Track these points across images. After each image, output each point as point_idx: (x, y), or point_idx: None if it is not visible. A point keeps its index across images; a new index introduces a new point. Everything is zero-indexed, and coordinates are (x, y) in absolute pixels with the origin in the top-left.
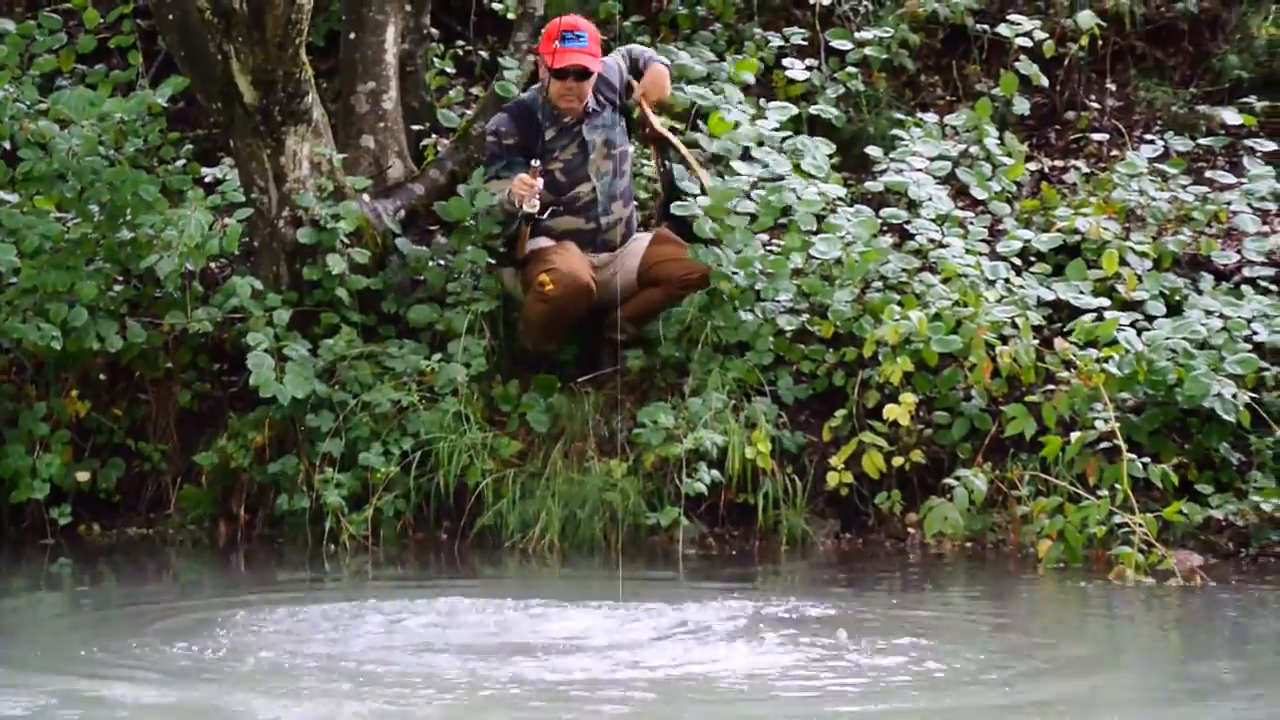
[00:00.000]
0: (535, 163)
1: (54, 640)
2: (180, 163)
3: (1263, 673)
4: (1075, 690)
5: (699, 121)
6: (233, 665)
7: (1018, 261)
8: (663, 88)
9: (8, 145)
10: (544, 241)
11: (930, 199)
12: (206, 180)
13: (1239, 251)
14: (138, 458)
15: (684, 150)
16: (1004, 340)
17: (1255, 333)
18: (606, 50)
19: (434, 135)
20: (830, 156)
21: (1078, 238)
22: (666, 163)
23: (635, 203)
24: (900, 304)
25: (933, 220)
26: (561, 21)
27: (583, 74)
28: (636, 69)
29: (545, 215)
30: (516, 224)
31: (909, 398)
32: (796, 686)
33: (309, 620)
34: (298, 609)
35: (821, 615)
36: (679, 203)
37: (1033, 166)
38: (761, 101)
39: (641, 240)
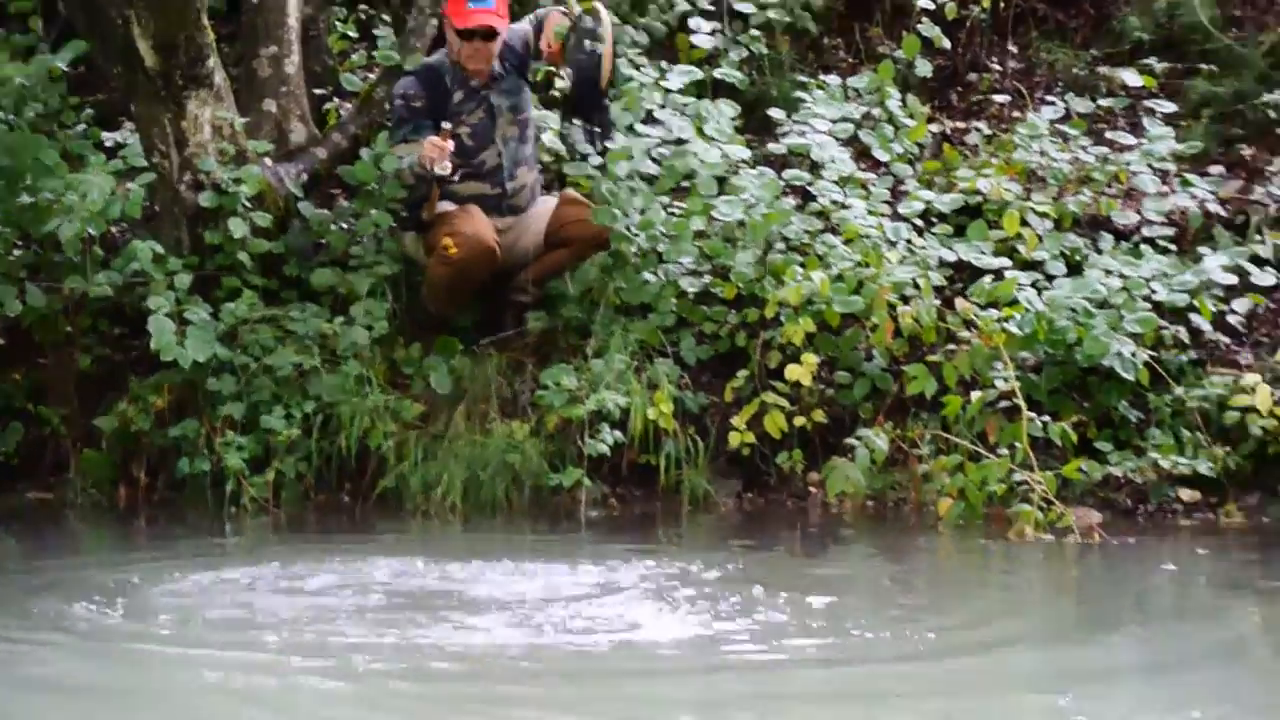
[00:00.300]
0: (446, 125)
1: None
2: (81, 127)
3: (1158, 623)
4: (980, 640)
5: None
6: (135, 628)
7: (919, 222)
8: (553, 26)
9: None
10: (448, 206)
11: (833, 161)
12: (108, 145)
13: (1138, 212)
14: (37, 422)
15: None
16: (905, 300)
17: (1154, 292)
18: (515, 16)
19: (336, 99)
20: (733, 119)
21: (979, 199)
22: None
23: (539, 167)
24: (803, 265)
25: (835, 182)
26: None
27: (490, 34)
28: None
29: (455, 177)
30: (426, 187)
31: (811, 358)
32: (734, 651)
33: (210, 583)
34: (202, 572)
35: (734, 574)
36: (575, 164)
37: (935, 128)
38: (665, 64)
39: (548, 203)
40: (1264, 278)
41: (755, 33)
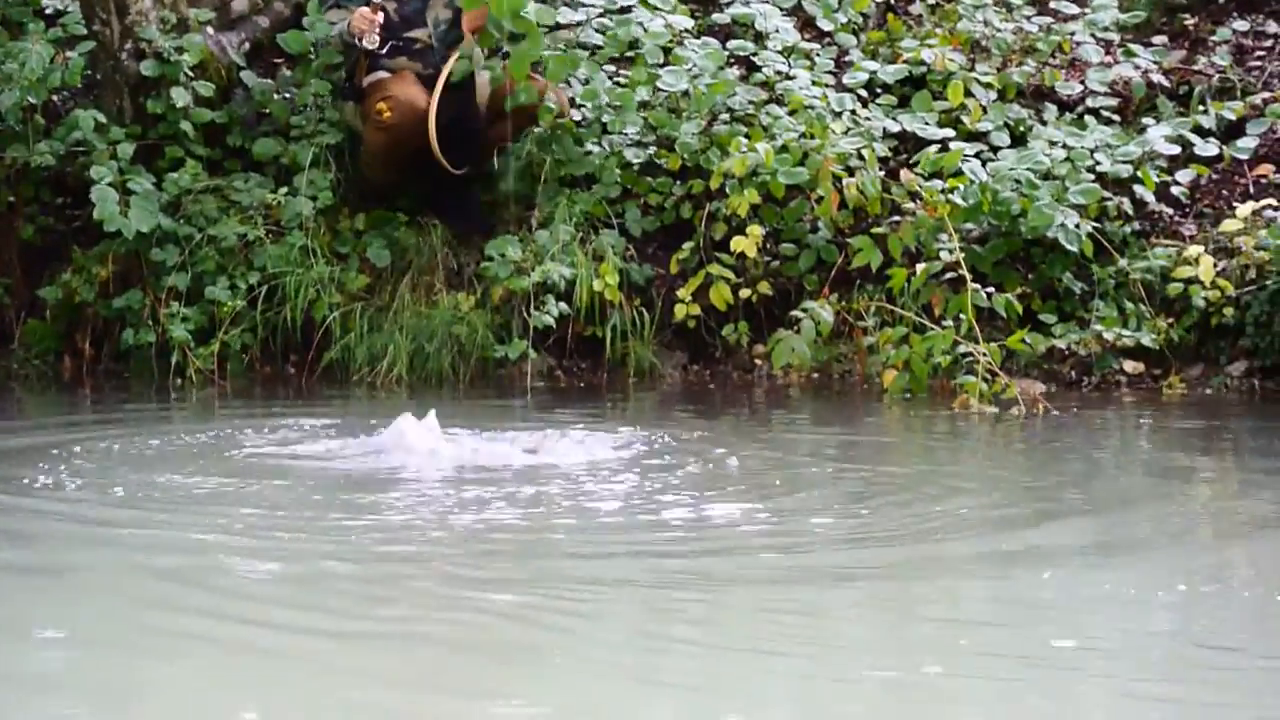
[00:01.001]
0: None
1: None
2: None
3: (1101, 498)
4: (927, 511)
5: None
6: (86, 495)
7: (864, 93)
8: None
9: None
10: (382, 74)
11: (777, 31)
12: (47, 12)
13: (1082, 82)
14: None
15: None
16: (850, 172)
17: (1098, 163)
18: None
19: None
20: None
21: (923, 69)
22: None
23: None
24: (747, 136)
25: (779, 52)
26: None
27: None
28: None
29: (384, 50)
30: (354, 57)
31: (756, 230)
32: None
33: (156, 449)
34: (149, 439)
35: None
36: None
37: None
38: None
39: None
40: (1207, 148)
41: None
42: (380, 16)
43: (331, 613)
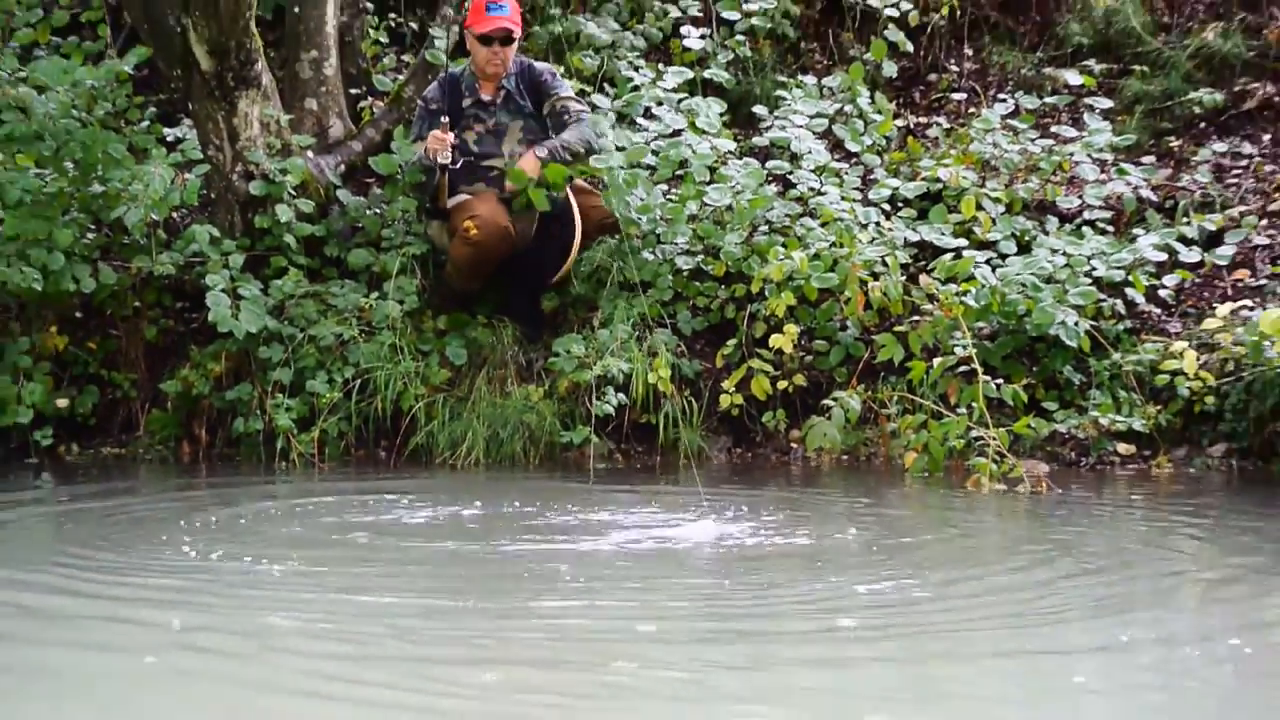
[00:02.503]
0: (445, 119)
1: (53, 533)
2: (145, 124)
3: (1099, 562)
4: (946, 573)
5: (606, 84)
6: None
7: (887, 207)
8: (528, 169)
9: None
10: (465, 196)
11: (810, 152)
12: (168, 139)
13: (1080, 197)
14: (110, 386)
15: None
16: (875, 277)
17: (1094, 268)
18: (526, 23)
19: (370, 98)
20: (721, 115)
21: (940, 185)
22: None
23: None
24: (784, 245)
25: (812, 171)
26: None
27: (506, 38)
28: (558, 120)
29: (457, 166)
30: (435, 176)
31: (792, 328)
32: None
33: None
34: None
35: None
36: (597, 156)
37: (900, 123)
38: (660, 66)
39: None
40: (1190, 255)
41: (740, 38)
42: (451, 136)
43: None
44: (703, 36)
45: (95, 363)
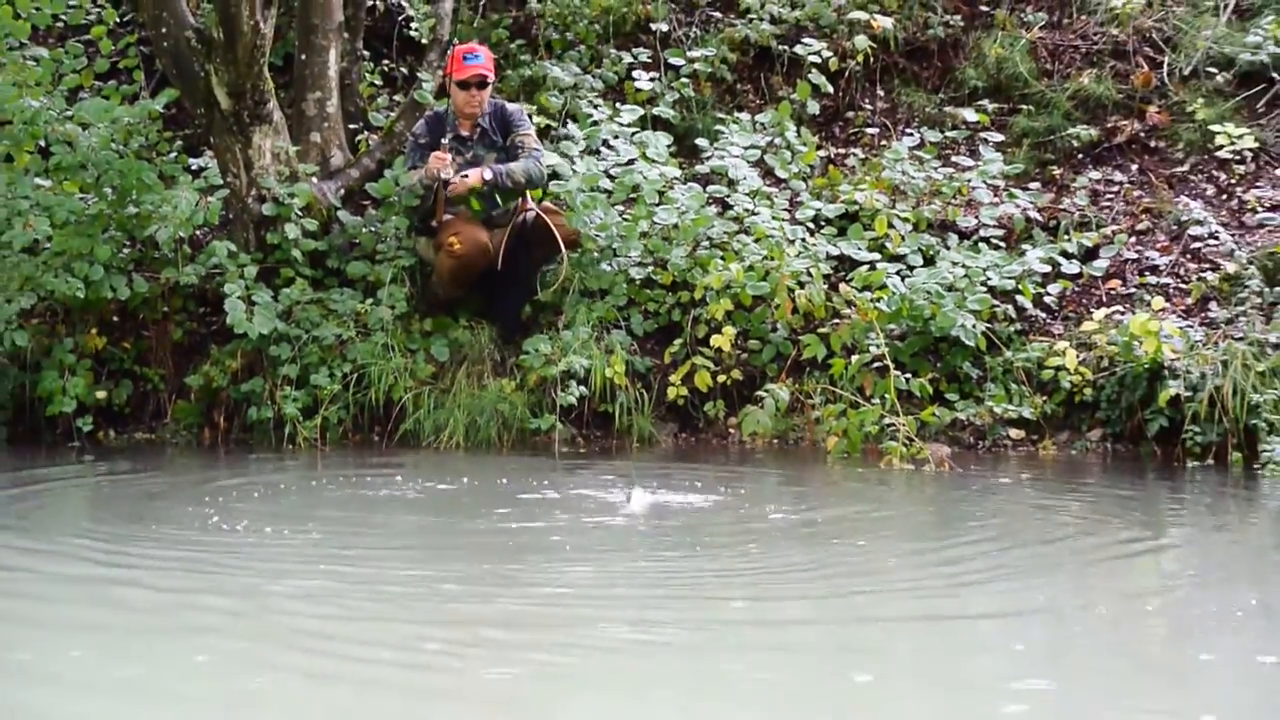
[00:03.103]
0: (444, 140)
1: (100, 505)
2: (173, 155)
3: (993, 529)
4: (864, 539)
5: (569, 120)
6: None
7: (811, 225)
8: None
9: (43, 143)
10: (449, 216)
11: (745, 178)
12: (193, 168)
13: (977, 217)
14: (142, 380)
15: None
16: (801, 285)
17: (989, 279)
18: (499, 68)
19: (366, 132)
20: (668, 146)
21: (856, 207)
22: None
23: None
24: (723, 258)
25: (747, 194)
26: (461, 46)
27: (481, 83)
28: (513, 149)
29: (457, 178)
30: (433, 194)
31: (730, 329)
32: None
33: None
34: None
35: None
36: (558, 182)
37: (822, 153)
38: (616, 104)
39: (533, 211)
40: (1071, 268)
41: (685, 80)
42: (450, 156)
43: None
44: (653, 79)
45: (129, 360)
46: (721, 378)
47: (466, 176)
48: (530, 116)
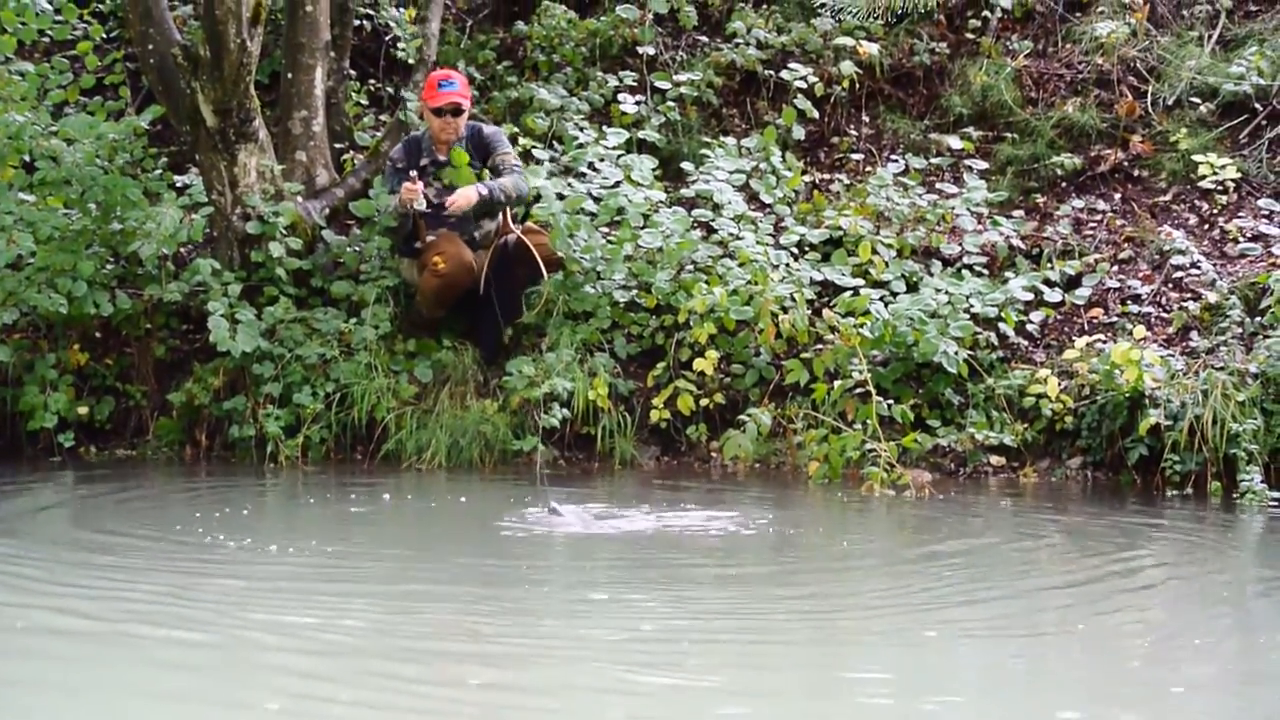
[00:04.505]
0: (413, 173)
1: (75, 521)
2: (158, 172)
3: (972, 553)
4: (840, 564)
5: (555, 142)
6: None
7: (795, 250)
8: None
9: (27, 158)
10: (432, 237)
11: (730, 202)
12: (178, 185)
13: (960, 244)
14: (124, 396)
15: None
16: (785, 310)
17: (972, 306)
18: (487, 89)
19: (351, 151)
20: (654, 169)
21: (841, 233)
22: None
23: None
24: (707, 282)
25: (731, 219)
26: (437, 73)
27: (457, 110)
28: (496, 168)
29: (429, 209)
30: (410, 221)
31: (713, 353)
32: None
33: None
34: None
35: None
36: (541, 205)
37: (807, 178)
38: (602, 127)
39: (515, 233)
40: (1053, 296)
41: (671, 104)
42: (421, 185)
43: None
44: (638, 102)
45: (112, 376)
46: (704, 401)
47: (455, 201)
48: (515, 139)
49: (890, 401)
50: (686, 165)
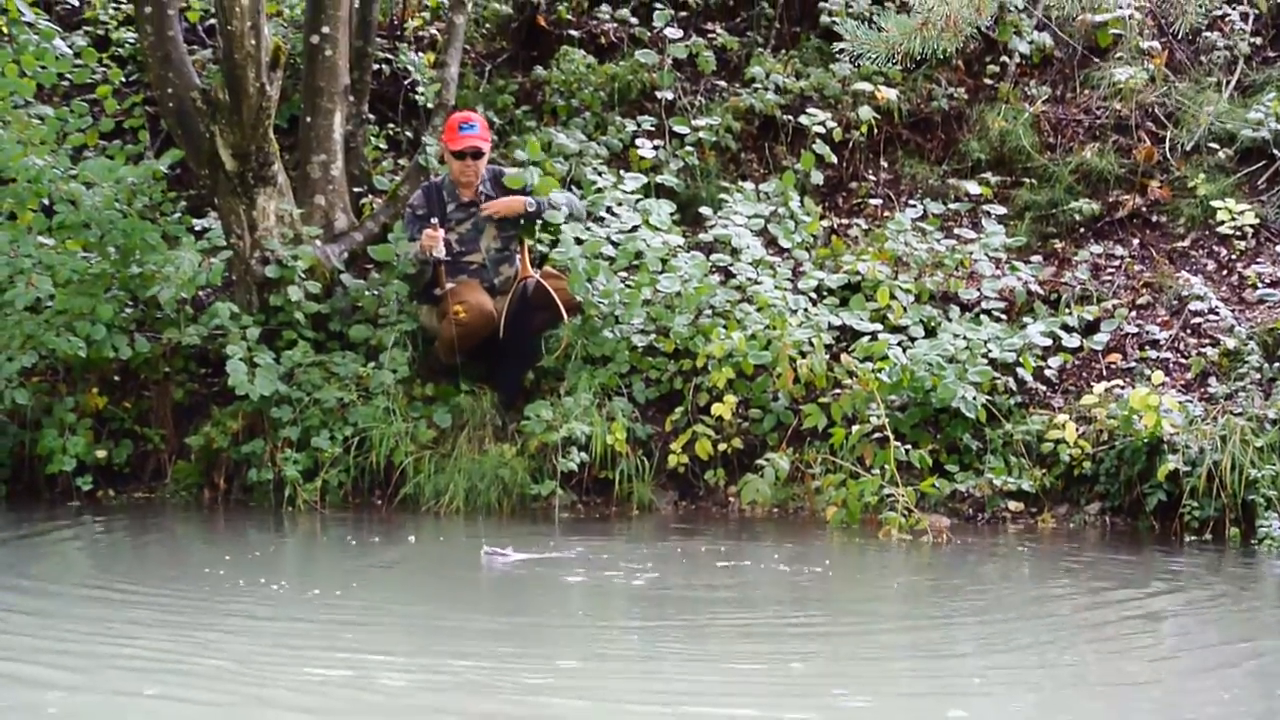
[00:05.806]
0: (434, 220)
1: (93, 565)
2: (176, 215)
3: (992, 602)
4: (860, 608)
5: (574, 186)
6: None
7: (814, 295)
8: (508, 207)
9: (47, 201)
10: (451, 285)
11: (748, 247)
12: (197, 229)
13: (979, 289)
14: (143, 440)
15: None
16: (803, 355)
17: (990, 351)
18: (504, 134)
19: (370, 195)
20: (672, 214)
21: (859, 277)
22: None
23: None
24: (725, 327)
25: (750, 263)
26: (457, 115)
27: (477, 153)
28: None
29: (450, 257)
30: (430, 268)
31: (731, 398)
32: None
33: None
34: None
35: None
36: (559, 249)
37: (825, 223)
38: (620, 172)
39: (534, 278)
40: (1072, 341)
41: (689, 148)
42: (441, 233)
43: None
44: (656, 147)
45: (130, 419)
46: (722, 446)
47: (495, 204)
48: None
49: (908, 446)
50: (705, 210)
